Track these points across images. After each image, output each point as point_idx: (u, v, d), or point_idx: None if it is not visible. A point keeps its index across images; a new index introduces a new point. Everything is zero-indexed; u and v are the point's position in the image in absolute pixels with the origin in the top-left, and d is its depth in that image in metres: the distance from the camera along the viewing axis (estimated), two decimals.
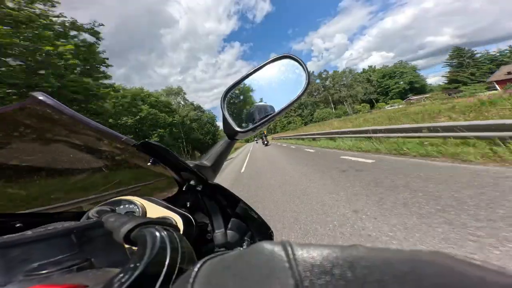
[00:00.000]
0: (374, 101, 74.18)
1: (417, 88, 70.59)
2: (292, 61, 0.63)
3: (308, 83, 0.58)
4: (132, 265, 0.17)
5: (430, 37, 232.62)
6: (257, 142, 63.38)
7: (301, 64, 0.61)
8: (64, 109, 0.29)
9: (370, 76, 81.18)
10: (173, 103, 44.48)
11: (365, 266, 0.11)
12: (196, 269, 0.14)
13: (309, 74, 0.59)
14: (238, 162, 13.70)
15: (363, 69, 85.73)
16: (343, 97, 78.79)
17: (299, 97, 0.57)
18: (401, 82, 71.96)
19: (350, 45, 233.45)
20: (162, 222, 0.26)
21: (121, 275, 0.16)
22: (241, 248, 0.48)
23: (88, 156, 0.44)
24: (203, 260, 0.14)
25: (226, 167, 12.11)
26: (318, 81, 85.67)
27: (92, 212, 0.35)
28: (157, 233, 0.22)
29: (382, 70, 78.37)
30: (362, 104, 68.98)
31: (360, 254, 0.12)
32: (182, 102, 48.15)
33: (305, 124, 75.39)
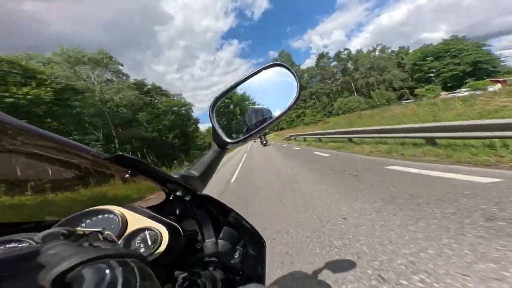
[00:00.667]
0: (406, 89, 56.47)
1: (484, 70, 50.73)
2: (283, 69, 0.61)
3: (300, 92, 0.57)
4: None
5: (426, 34, 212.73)
6: (254, 141, 52.02)
7: (291, 72, 0.59)
8: (16, 122, 0.26)
9: (402, 59, 62.25)
10: (93, 77, 23.91)
11: None
12: None
13: (300, 83, 0.57)
14: None
15: (392, 51, 66.89)
16: (371, 84, 59.74)
17: (290, 107, 0.56)
18: (454, 64, 52.45)
19: (348, 42, 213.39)
20: (123, 254, 0.21)
21: None
22: (235, 257, 0.47)
23: (53, 170, 0.41)
24: None
25: None
26: (334, 63, 67.05)
27: (37, 237, 0.26)
28: (107, 271, 0.17)
29: (423, 50, 59.38)
30: (426, 87, 49.16)
31: None
32: (115, 78, 27.52)
33: (327, 116, 57.26)
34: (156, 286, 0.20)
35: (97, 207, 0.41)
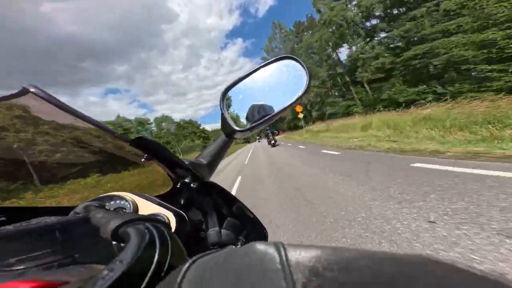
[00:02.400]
0: None
1: None
2: (293, 62, 0.62)
3: (309, 85, 0.57)
4: (117, 262, 0.17)
5: None
6: (259, 141, 48.02)
7: (302, 65, 0.60)
8: (57, 101, 0.28)
9: None
10: None
11: (357, 269, 0.11)
12: (185, 268, 0.13)
13: (309, 76, 0.58)
14: None
15: None
16: None
17: (298, 98, 0.57)
18: None
19: None
20: (153, 219, 0.26)
21: (105, 271, 0.16)
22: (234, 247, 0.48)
23: (81, 151, 0.43)
24: (193, 258, 0.14)
25: None
26: None
27: (79, 208, 0.32)
28: (146, 230, 0.21)
29: None
30: None
31: (352, 256, 0.12)
32: None
33: None
34: (181, 249, 0.23)
35: (110, 194, 0.43)
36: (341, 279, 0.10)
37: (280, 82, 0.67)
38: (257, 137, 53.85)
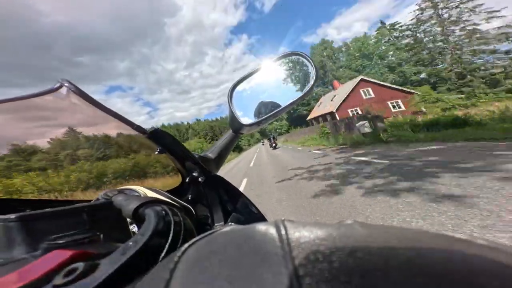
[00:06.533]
0: None
1: None
2: (301, 58, 0.64)
3: (316, 80, 0.59)
4: (139, 236, 0.19)
5: None
6: (263, 144, 49.48)
7: (309, 62, 0.62)
8: (86, 95, 0.31)
9: None
10: None
11: (367, 252, 0.10)
12: (179, 254, 0.13)
13: (317, 72, 0.60)
14: None
15: None
16: None
17: (306, 94, 0.59)
18: None
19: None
20: (168, 203, 0.29)
21: (130, 242, 0.18)
22: (232, 224, 0.48)
23: (104, 144, 0.45)
24: (189, 243, 0.14)
25: None
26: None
27: (101, 194, 0.36)
28: (163, 212, 0.24)
29: None
30: None
31: (360, 237, 0.11)
32: None
33: None
34: (193, 230, 0.25)
35: (124, 187, 0.45)
36: (350, 264, 0.09)
37: (288, 78, 0.68)
38: (261, 141, 54.86)
